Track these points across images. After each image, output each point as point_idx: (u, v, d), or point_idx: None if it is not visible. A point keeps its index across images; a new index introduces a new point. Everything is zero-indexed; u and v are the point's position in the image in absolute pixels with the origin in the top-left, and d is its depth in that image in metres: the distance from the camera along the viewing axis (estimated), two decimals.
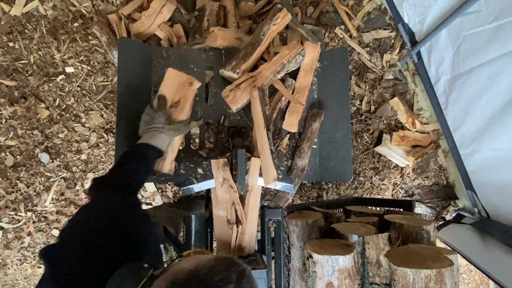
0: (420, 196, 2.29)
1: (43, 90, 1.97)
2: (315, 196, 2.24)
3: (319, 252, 1.07)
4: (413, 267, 0.96)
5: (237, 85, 1.31)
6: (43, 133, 1.99)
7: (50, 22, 1.98)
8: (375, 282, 1.09)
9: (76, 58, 1.99)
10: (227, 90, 1.31)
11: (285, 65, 1.34)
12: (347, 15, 2.15)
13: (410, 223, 1.19)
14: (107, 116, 2.04)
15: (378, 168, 2.26)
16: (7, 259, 2.02)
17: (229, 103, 1.30)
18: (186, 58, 1.44)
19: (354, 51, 2.20)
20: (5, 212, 1.98)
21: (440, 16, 1.68)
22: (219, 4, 1.79)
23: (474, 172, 1.91)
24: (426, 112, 2.23)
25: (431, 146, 2.19)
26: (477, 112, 1.68)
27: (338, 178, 1.49)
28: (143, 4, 1.96)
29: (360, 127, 2.24)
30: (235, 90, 1.30)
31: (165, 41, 1.87)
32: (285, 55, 1.34)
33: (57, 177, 2.02)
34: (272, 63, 1.33)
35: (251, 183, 1.25)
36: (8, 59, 1.94)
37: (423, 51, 1.95)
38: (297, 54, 1.34)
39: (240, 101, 1.31)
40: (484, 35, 1.49)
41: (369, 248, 1.11)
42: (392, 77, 2.23)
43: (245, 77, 1.32)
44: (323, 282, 1.07)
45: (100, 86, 2.03)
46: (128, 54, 1.35)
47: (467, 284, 2.51)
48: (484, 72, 1.56)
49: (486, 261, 1.71)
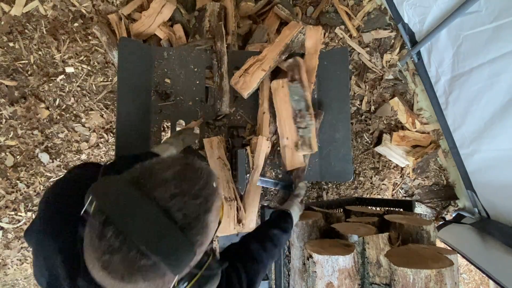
0: (420, 196, 2.29)
1: (43, 90, 1.97)
2: (315, 196, 2.24)
3: (319, 252, 1.07)
4: (413, 267, 0.96)
5: (245, 69, 1.32)
6: (43, 133, 1.98)
7: (50, 22, 1.98)
8: (375, 282, 1.09)
9: (76, 58, 1.99)
10: (236, 77, 1.32)
11: (289, 45, 1.37)
12: (347, 15, 2.15)
13: (410, 223, 1.19)
14: (107, 116, 2.04)
15: (378, 168, 2.26)
16: (7, 259, 2.02)
17: (240, 90, 1.31)
18: (186, 58, 1.44)
19: (354, 51, 2.20)
20: (5, 212, 1.98)
21: (440, 16, 1.68)
22: (220, 4, 1.79)
23: (474, 172, 1.91)
24: (426, 112, 2.23)
25: (431, 146, 2.19)
26: (477, 112, 1.68)
27: (338, 178, 1.49)
28: (143, 4, 1.96)
29: (360, 127, 2.24)
30: (244, 75, 1.31)
31: (165, 41, 1.87)
32: (287, 35, 1.36)
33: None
34: (276, 45, 1.36)
35: (256, 162, 1.27)
36: (8, 59, 1.94)
37: (423, 51, 1.95)
38: (298, 33, 1.37)
39: (251, 86, 1.31)
40: (484, 35, 1.49)
41: (369, 248, 1.11)
42: (392, 77, 2.22)
43: (252, 60, 1.33)
44: (323, 282, 1.07)
45: (100, 86, 2.03)
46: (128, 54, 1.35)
47: (467, 284, 2.51)
48: (484, 72, 1.56)
49: (486, 261, 1.71)
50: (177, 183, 0.49)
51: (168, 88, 1.41)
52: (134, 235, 0.44)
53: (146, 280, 0.46)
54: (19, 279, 2.07)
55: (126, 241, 0.44)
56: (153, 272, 0.46)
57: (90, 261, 0.47)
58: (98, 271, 0.46)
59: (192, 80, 1.43)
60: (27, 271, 2.06)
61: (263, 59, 1.33)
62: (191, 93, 1.43)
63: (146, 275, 0.45)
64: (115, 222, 0.45)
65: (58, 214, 0.65)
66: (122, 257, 0.44)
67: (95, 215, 0.47)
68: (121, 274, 0.45)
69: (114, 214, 0.46)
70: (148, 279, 0.46)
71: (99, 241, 0.45)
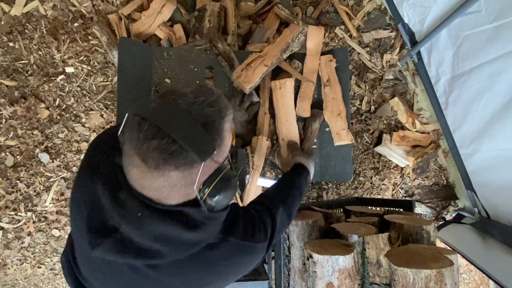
0: (420, 196, 2.29)
1: (43, 90, 1.97)
2: (315, 196, 2.24)
3: (319, 252, 1.07)
4: (413, 267, 0.96)
5: (248, 64, 1.33)
6: (43, 133, 1.99)
7: (50, 22, 1.98)
8: (375, 282, 1.09)
9: (76, 58, 1.99)
10: (239, 71, 1.33)
11: (290, 44, 1.39)
12: (347, 15, 2.15)
13: (410, 223, 1.19)
14: (107, 116, 2.04)
15: (378, 168, 2.26)
16: (7, 259, 2.02)
17: (242, 83, 1.31)
18: (186, 58, 1.44)
19: (354, 51, 2.20)
20: (5, 212, 1.98)
21: (440, 16, 1.68)
22: (220, 4, 1.79)
23: (474, 172, 1.91)
24: (426, 112, 2.23)
25: (431, 146, 2.19)
26: (477, 112, 1.68)
27: (338, 178, 1.49)
28: (143, 4, 1.96)
29: (360, 127, 2.24)
30: (247, 69, 1.32)
31: (165, 41, 1.87)
32: (288, 35, 1.39)
33: (57, 177, 2.02)
34: (277, 44, 1.40)
35: (256, 162, 1.28)
36: (8, 59, 1.94)
37: (423, 51, 1.95)
38: (299, 33, 1.40)
39: (253, 80, 1.32)
40: (484, 35, 1.49)
41: (369, 248, 1.11)
42: (392, 77, 2.23)
43: (254, 56, 1.35)
44: (323, 282, 1.07)
45: (100, 86, 2.03)
46: (128, 54, 1.36)
47: (467, 284, 2.51)
48: (484, 72, 1.56)
49: (486, 261, 1.71)
50: (195, 95, 0.58)
51: (168, 88, 1.41)
52: (165, 127, 0.52)
53: (178, 168, 0.53)
54: (19, 279, 2.07)
55: (159, 132, 0.52)
56: (183, 159, 0.53)
57: (129, 160, 0.55)
58: (137, 165, 0.54)
59: (192, 80, 1.43)
60: (27, 271, 2.06)
61: (265, 55, 1.35)
62: None
63: (178, 161, 0.53)
64: (150, 118, 0.53)
65: (98, 153, 0.75)
66: (157, 144, 0.52)
67: (132, 119, 0.56)
68: (156, 161, 0.52)
69: (147, 114, 0.54)
70: (179, 165, 0.53)
71: (137, 134, 0.53)
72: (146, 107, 0.58)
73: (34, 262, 2.06)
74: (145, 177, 0.54)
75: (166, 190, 0.55)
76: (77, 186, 0.72)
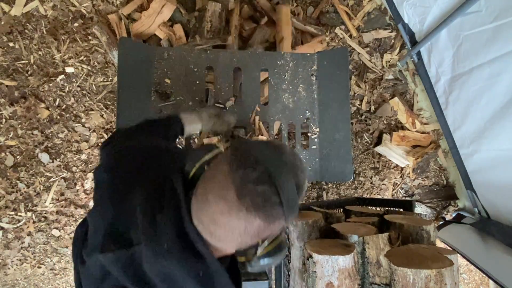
0: (420, 196, 2.29)
1: (43, 90, 1.97)
2: (315, 196, 2.24)
3: (319, 252, 1.07)
4: (413, 267, 0.96)
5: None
6: (43, 133, 1.98)
7: (50, 22, 1.98)
8: (375, 282, 1.09)
9: (76, 58, 1.99)
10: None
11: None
12: (347, 15, 2.15)
13: (410, 223, 1.19)
14: (107, 116, 2.04)
15: (378, 168, 2.26)
16: (7, 259, 2.02)
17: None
18: (186, 58, 1.44)
19: (354, 51, 2.20)
20: (5, 212, 1.98)
21: (440, 16, 1.68)
22: (221, 5, 1.79)
23: (474, 172, 1.91)
24: (426, 112, 2.23)
25: (431, 146, 2.19)
26: (477, 112, 1.68)
27: (338, 178, 1.49)
28: (143, 4, 1.96)
29: (360, 127, 2.24)
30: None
31: (165, 41, 1.87)
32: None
33: (57, 177, 2.02)
34: None
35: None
36: (8, 59, 1.94)
37: (423, 51, 1.95)
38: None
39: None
40: (484, 35, 1.49)
41: (369, 248, 1.11)
42: (392, 77, 2.23)
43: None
44: (323, 282, 1.07)
45: (100, 86, 2.03)
46: (128, 54, 1.36)
47: (467, 284, 2.51)
48: (484, 72, 1.56)
49: (486, 261, 1.71)
50: (294, 156, 0.58)
51: (168, 88, 1.41)
52: (276, 179, 0.51)
53: (265, 219, 0.51)
54: (19, 279, 2.07)
55: (270, 180, 0.50)
56: (276, 212, 0.51)
57: (219, 191, 0.52)
58: (228, 199, 0.50)
59: (192, 80, 1.43)
60: (27, 271, 2.06)
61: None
62: (191, 93, 1.43)
63: (269, 213, 0.51)
64: (266, 165, 0.51)
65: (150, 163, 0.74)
66: (264, 190, 0.50)
67: (242, 155, 0.54)
68: (252, 204, 0.50)
69: (261, 159, 0.52)
70: (267, 216, 0.51)
71: (247, 173, 0.51)
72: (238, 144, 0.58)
73: (34, 262, 2.06)
74: (227, 214, 0.51)
75: (232, 234, 0.53)
76: (112, 186, 0.71)
